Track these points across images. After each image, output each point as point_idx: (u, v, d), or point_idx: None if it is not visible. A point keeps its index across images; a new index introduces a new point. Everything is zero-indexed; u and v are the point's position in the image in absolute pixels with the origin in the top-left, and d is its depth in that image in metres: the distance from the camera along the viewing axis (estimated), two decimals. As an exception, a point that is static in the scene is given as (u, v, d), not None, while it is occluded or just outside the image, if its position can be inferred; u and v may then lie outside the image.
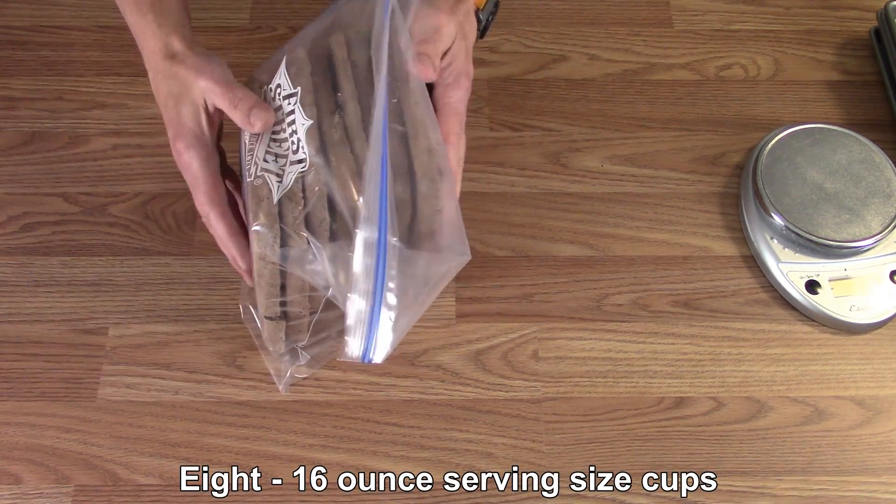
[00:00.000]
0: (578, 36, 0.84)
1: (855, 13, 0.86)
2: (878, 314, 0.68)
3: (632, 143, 0.78)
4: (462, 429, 0.65)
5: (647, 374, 0.67)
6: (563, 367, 0.67)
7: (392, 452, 0.64)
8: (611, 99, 0.80)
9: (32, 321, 0.68)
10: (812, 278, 0.70)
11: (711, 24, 0.85)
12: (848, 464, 0.64)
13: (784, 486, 0.63)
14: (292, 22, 0.83)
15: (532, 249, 0.72)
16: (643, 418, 0.65)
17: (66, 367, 0.66)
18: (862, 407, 0.66)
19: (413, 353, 0.67)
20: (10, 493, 0.61)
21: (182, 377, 0.66)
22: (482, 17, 0.67)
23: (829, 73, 0.82)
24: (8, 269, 0.70)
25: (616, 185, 0.75)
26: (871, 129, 0.77)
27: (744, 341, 0.69)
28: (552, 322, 0.69)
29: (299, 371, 0.64)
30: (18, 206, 0.72)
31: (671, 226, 0.74)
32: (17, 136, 0.76)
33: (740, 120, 0.79)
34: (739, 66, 0.82)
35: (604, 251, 0.72)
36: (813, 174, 0.72)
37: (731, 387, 0.67)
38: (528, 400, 0.66)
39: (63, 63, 0.79)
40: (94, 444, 0.63)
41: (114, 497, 0.62)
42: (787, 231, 0.70)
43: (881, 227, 0.70)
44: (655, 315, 0.70)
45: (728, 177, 0.76)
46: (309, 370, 0.65)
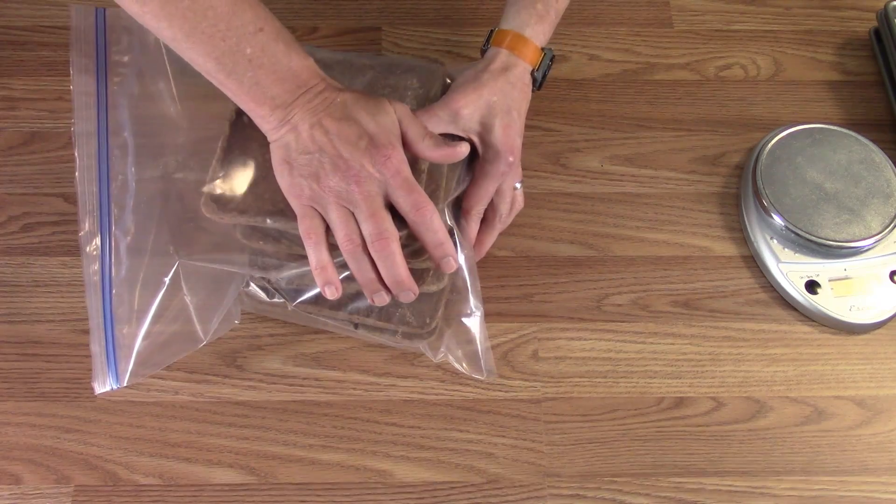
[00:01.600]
0: (578, 36, 0.84)
1: (855, 13, 0.86)
2: (878, 314, 0.68)
3: (632, 143, 0.78)
4: (462, 429, 0.65)
5: (647, 374, 0.67)
6: (563, 367, 0.67)
7: (392, 452, 0.64)
8: (611, 99, 0.80)
9: (32, 321, 0.68)
10: (812, 278, 0.70)
11: (711, 24, 0.85)
12: (848, 464, 0.64)
13: (784, 486, 0.63)
14: (293, 22, 0.83)
15: (532, 249, 0.72)
16: (643, 418, 0.65)
17: (66, 367, 0.66)
18: (862, 407, 0.66)
19: (413, 353, 0.67)
20: (10, 493, 0.61)
21: (182, 377, 0.66)
22: (537, 76, 0.67)
23: (829, 73, 0.82)
24: (8, 269, 0.70)
25: (616, 185, 0.75)
26: (871, 129, 0.77)
27: (744, 341, 0.69)
28: (552, 322, 0.69)
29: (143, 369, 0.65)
30: (18, 206, 0.72)
31: (671, 226, 0.74)
32: (17, 136, 0.76)
33: (740, 120, 0.79)
34: (739, 66, 0.82)
35: (604, 251, 0.72)
36: (813, 174, 0.72)
37: (731, 387, 0.67)
38: (528, 400, 0.66)
39: (63, 63, 0.79)
40: (94, 444, 0.63)
41: (114, 497, 0.62)
42: (787, 231, 0.70)
43: (881, 227, 0.70)
44: (655, 315, 0.70)
45: (728, 177, 0.76)
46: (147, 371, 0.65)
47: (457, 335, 0.66)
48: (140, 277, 0.65)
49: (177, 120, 0.70)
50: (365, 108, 0.59)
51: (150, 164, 0.69)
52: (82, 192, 0.66)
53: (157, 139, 0.70)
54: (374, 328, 0.65)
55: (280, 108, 0.58)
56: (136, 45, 0.72)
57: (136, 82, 0.71)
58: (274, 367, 0.67)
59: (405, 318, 0.64)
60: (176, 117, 0.70)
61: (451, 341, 0.66)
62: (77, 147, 0.67)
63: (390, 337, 0.65)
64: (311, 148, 0.58)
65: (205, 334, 0.64)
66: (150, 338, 0.64)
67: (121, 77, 0.71)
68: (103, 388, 0.63)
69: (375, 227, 0.57)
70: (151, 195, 0.68)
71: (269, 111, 0.59)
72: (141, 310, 0.64)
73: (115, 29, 0.71)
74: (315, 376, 0.66)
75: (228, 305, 0.65)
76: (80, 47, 0.70)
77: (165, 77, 0.71)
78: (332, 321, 0.66)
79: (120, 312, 0.64)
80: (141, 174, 0.68)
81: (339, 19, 0.83)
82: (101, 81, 0.70)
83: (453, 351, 0.65)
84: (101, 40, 0.71)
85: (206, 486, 0.62)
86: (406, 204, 0.58)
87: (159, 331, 0.64)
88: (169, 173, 0.69)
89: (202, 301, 0.65)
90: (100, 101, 0.69)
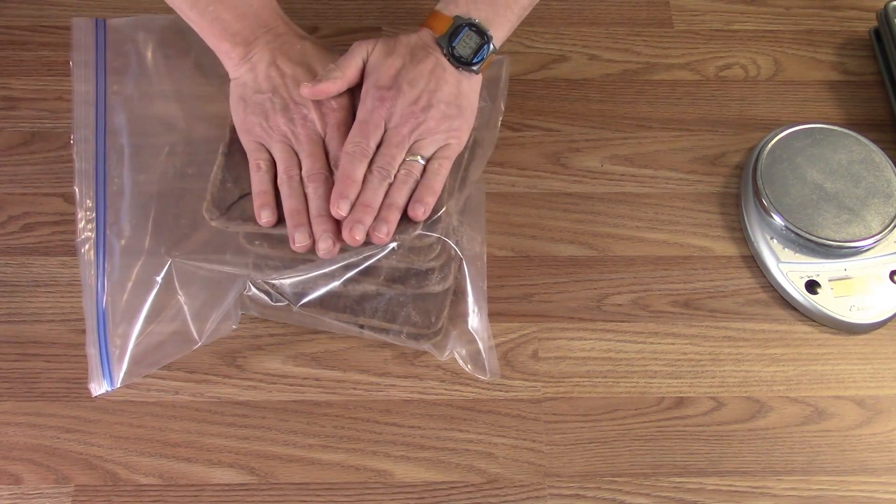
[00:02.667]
0: (578, 36, 0.84)
1: (855, 13, 0.86)
2: (878, 314, 0.68)
3: (632, 143, 0.78)
4: (462, 429, 0.65)
5: (647, 374, 0.67)
6: (563, 367, 0.67)
7: (392, 452, 0.64)
8: (611, 99, 0.80)
9: (32, 321, 0.68)
10: (812, 278, 0.70)
11: (711, 24, 0.85)
12: (848, 464, 0.64)
13: (784, 486, 0.63)
14: (292, 22, 0.83)
15: (532, 249, 0.72)
16: (643, 418, 0.65)
17: (66, 367, 0.66)
18: (862, 407, 0.66)
19: (413, 353, 0.67)
20: (10, 493, 0.61)
21: (182, 377, 0.66)
22: (443, 44, 0.64)
23: (829, 73, 0.82)
24: (8, 269, 0.70)
25: (616, 185, 0.75)
26: (871, 129, 0.77)
27: (744, 341, 0.69)
28: (552, 322, 0.69)
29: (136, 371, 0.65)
30: (18, 206, 0.72)
31: (671, 226, 0.74)
32: (17, 136, 0.76)
33: (740, 120, 0.79)
34: (739, 66, 0.82)
35: (604, 251, 0.72)
36: (813, 174, 0.72)
37: (731, 387, 0.67)
38: (528, 400, 0.66)
39: (63, 63, 0.79)
40: (94, 444, 0.63)
41: (114, 497, 0.62)
42: (787, 231, 0.70)
43: (881, 227, 0.70)
44: (655, 315, 0.70)
45: (728, 177, 0.76)
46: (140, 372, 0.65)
47: (462, 335, 0.66)
48: (133, 277, 0.65)
49: (174, 122, 0.71)
50: (321, 58, 0.64)
51: (147, 167, 0.69)
52: (79, 195, 0.67)
53: (154, 140, 0.70)
54: (379, 329, 0.65)
55: (241, 46, 0.63)
56: (132, 53, 0.73)
57: (134, 87, 0.72)
58: (274, 367, 0.67)
59: (410, 318, 0.64)
60: (173, 120, 0.71)
61: (456, 341, 0.66)
62: (76, 151, 0.68)
63: (395, 337, 0.65)
64: (265, 87, 0.63)
65: (200, 335, 0.65)
66: (144, 338, 0.64)
67: (119, 84, 0.71)
68: (99, 390, 0.63)
69: (313, 164, 0.62)
70: (147, 198, 0.68)
71: (230, 47, 0.63)
72: (134, 310, 0.64)
73: (115, 41, 0.73)
74: (315, 376, 0.66)
75: (227, 308, 0.65)
76: (80, 57, 0.72)
77: (164, 81, 0.72)
78: (336, 322, 0.66)
79: (114, 314, 0.64)
80: (136, 177, 0.69)
81: (339, 19, 0.83)
82: (100, 86, 0.71)
83: (458, 351, 0.65)
84: (100, 50, 0.73)
85: (206, 486, 0.62)
86: (337, 149, 0.63)
87: (155, 331, 0.64)
88: (166, 176, 0.69)
89: (199, 302, 0.65)
90: (98, 106, 0.70)
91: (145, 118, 0.71)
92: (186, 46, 0.73)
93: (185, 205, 0.67)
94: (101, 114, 0.70)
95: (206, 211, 0.62)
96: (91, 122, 0.69)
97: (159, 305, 0.64)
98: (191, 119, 0.71)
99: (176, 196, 0.68)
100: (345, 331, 0.67)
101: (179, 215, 0.67)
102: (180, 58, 0.73)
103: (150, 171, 0.69)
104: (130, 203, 0.68)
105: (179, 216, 0.67)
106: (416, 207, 0.61)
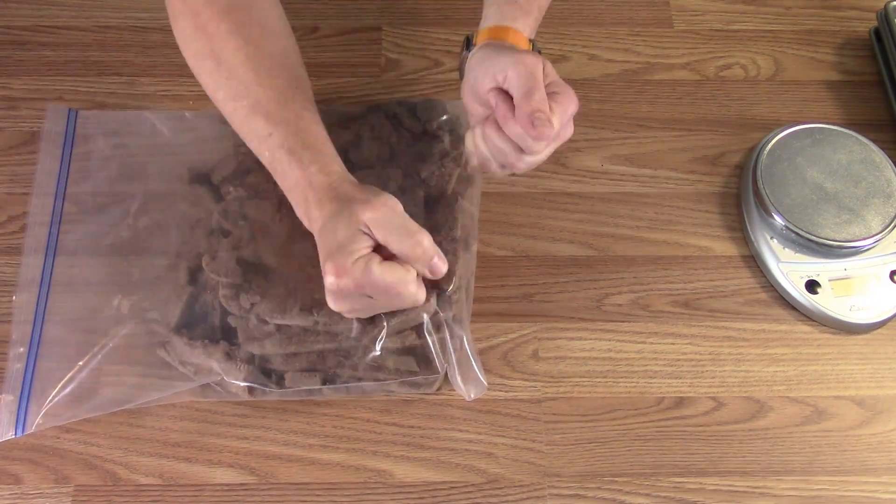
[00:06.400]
0: (578, 36, 0.84)
1: (855, 13, 0.86)
2: (878, 314, 0.68)
3: (632, 143, 0.78)
4: (462, 429, 0.65)
5: (647, 374, 0.67)
6: (563, 367, 0.67)
7: (392, 452, 0.64)
8: (611, 99, 0.80)
9: (32, 321, 0.68)
10: (812, 278, 0.70)
11: (711, 24, 0.85)
12: (848, 464, 0.64)
13: (784, 486, 0.63)
14: (293, 23, 0.83)
15: (532, 249, 0.72)
16: (643, 418, 0.65)
17: (66, 367, 0.66)
18: (862, 407, 0.66)
19: (413, 353, 0.67)
20: (10, 493, 0.61)
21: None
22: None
23: (829, 73, 0.82)
24: (8, 269, 0.70)
25: (616, 185, 0.75)
26: (871, 129, 0.77)
27: (744, 341, 0.69)
28: (552, 322, 0.69)
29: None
30: (18, 206, 0.72)
31: (671, 226, 0.74)
32: (17, 136, 0.76)
33: (740, 120, 0.79)
34: (739, 66, 0.82)
35: (604, 251, 0.72)
36: (813, 174, 0.72)
37: (731, 387, 0.67)
38: (528, 400, 0.66)
39: (63, 63, 0.79)
40: (94, 444, 0.63)
41: (114, 497, 0.62)
42: (787, 231, 0.70)
43: (881, 227, 0.70)
44: (655, 315, 0.70)
45: (728, 177, 0.76)
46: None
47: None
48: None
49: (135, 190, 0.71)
50: (335, 227, 0.57)
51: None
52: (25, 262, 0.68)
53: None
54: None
55: (300, 209, 0.60)
56: (100, 143, 0.74)
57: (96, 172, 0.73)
58: (274, 367, 0.66)
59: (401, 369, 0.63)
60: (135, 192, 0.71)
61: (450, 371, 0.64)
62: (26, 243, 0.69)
63: (398, 387, 0.64)
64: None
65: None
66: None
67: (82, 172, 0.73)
68: (6, 436, 0.62)
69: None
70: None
71: (295, 209, 0.61)
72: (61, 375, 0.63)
73: (82, 133, 0.74)
74: (315, 376, 0.66)
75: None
76: (48, 145, 0.73)
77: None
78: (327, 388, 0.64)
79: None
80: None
81: (339, 19, 0.83)
82: (62, 173, 0.72)
83: (452, 377, 0.63)
84: (69, 137, 0.74)
85: (206, 486, 0.62)
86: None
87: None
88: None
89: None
90: (58, 190, 0.71)
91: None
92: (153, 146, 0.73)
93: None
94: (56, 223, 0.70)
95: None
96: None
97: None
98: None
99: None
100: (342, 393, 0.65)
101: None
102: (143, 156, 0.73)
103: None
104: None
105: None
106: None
